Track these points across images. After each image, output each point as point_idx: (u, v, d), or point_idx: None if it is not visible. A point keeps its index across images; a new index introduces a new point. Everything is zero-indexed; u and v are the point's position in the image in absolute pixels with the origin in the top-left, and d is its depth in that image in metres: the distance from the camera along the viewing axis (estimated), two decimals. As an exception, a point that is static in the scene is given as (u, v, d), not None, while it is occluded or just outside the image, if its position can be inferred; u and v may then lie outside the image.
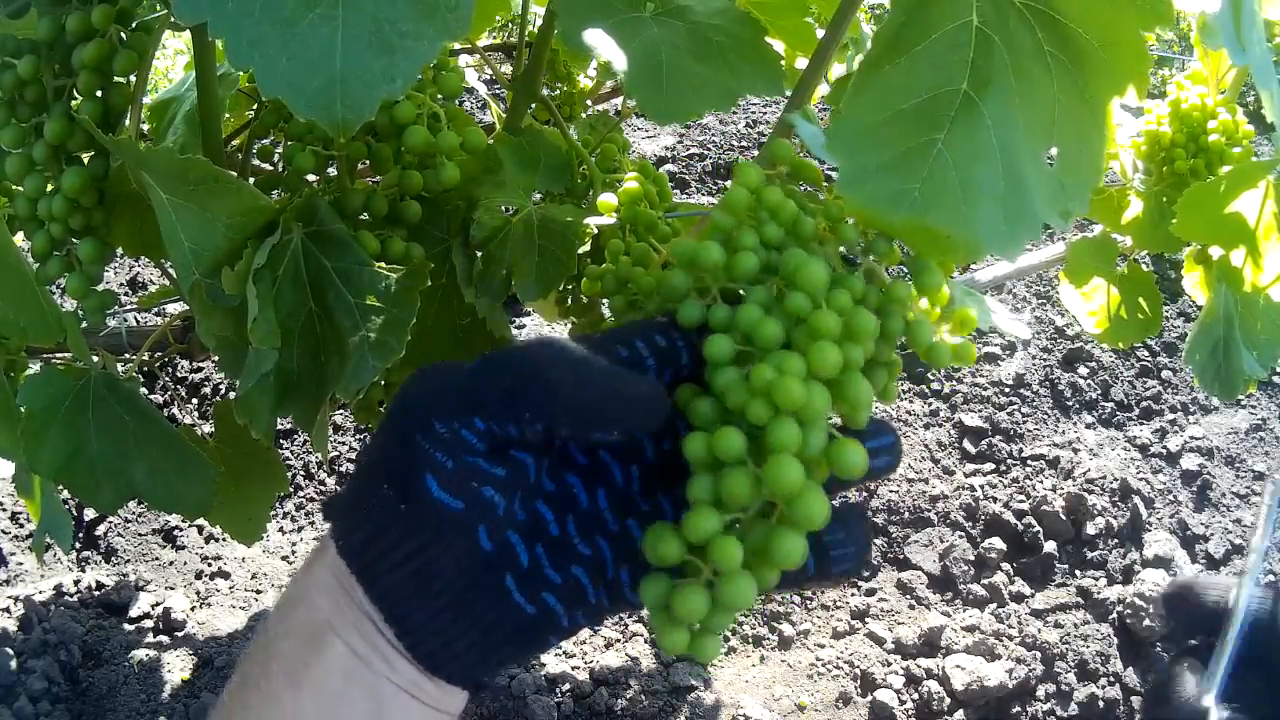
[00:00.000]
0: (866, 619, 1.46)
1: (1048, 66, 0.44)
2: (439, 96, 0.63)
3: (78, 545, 1.51)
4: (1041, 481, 1.67)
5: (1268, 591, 0.40)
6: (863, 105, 0.43)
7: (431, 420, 0.36)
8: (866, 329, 0.38)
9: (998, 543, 1.55)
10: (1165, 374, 1.94)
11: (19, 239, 0.64)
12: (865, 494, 1.64)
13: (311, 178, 0.65)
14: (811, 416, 0.36)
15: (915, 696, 1.33)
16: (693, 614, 0.35)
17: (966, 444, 1.76)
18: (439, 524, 0.36)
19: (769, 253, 0.42)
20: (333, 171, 0.65)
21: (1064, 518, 1.57)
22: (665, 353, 0.39)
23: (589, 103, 1.01)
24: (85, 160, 0.61)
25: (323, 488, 1.64)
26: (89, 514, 1.55)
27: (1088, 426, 1.82)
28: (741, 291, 0.41)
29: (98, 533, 1.53)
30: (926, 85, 0.43)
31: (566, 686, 1.29)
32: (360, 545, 0.36)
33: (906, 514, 1.62)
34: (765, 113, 2.69)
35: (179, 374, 1.80)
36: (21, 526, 1.52)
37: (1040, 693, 1.35)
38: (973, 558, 1.54)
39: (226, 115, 0.74)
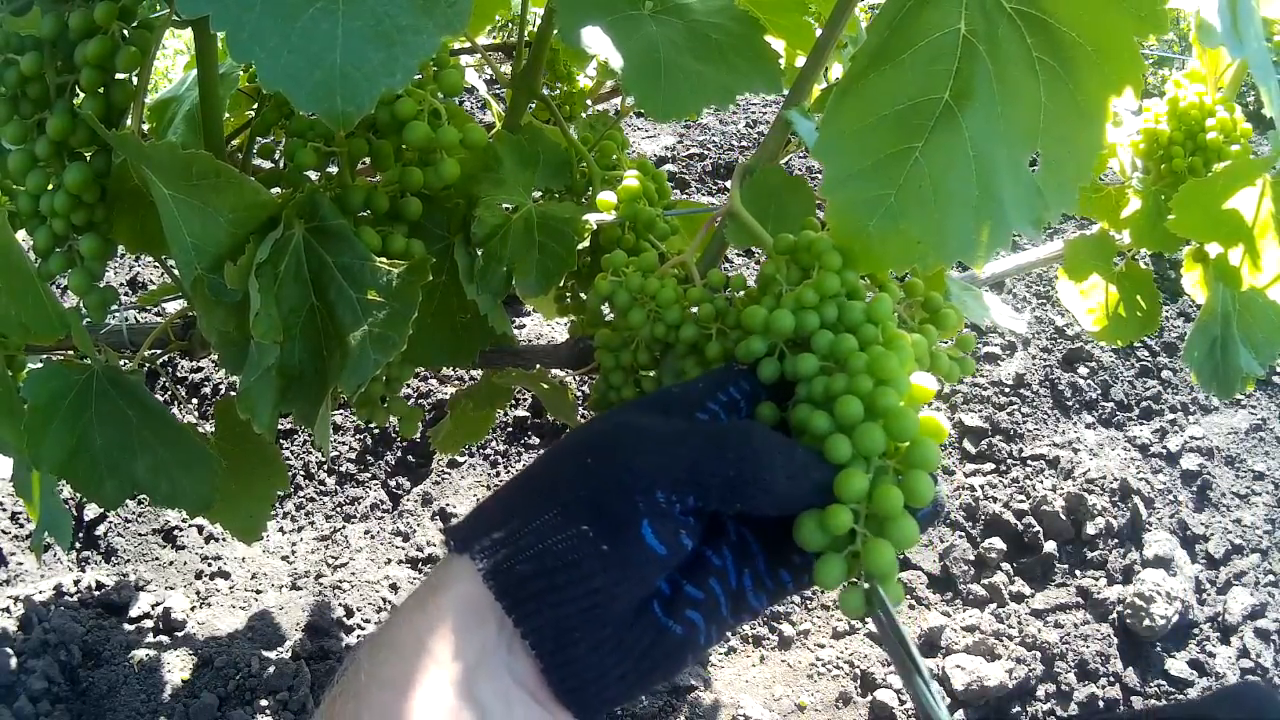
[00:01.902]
0: (866, 619, 1.45)
1: (1035, 73, 0.45)
2: (439, 94, 0.64)
3: (78, 545, 1.51)
4: (1041, 481, 1.67)
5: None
6: (848, 110, 0.44)
7: (656, 490, 0.39)
8: (921, 346, 0.47)
9: (998, 543, 1.55)
10: (1165, 374, 1.94)
11: (21, 236, 0.65)
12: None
13: (313, 175, 0.65)
14: (903, 390, 0.43)
15: (915, 696, 1.33)
16: (888, 564, 0.41)
17: (966, 444, 1.76)
18: (643, 564, 0.38)
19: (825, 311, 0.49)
20: (334, 169, 0.65)
21: (1064, 518, 1.58)
22: (750, 393, 0.47)
23: (589, 102, 1.02)
24: (87, 156, 0.61)
25: (323, 487, 1.65)
26: (89, 514, 1.55)
27: (1088, 426, 1.82)
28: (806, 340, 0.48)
29: (98, 533, 1.53)
30: (909, 93, 0.44)
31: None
32: (522, 578, 0.37)
33: (906, 514, 1.62)
34: (765, 112, 2.70)
35: (179, 374, 1.80)
36: (21, 526, 1.52)
37: (1040, 693, 1.35)
38: (973, 558, 1.54)
39: (226, 115, 0.74)
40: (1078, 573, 1.53)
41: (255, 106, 0.79)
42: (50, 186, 0.60)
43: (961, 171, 0.44)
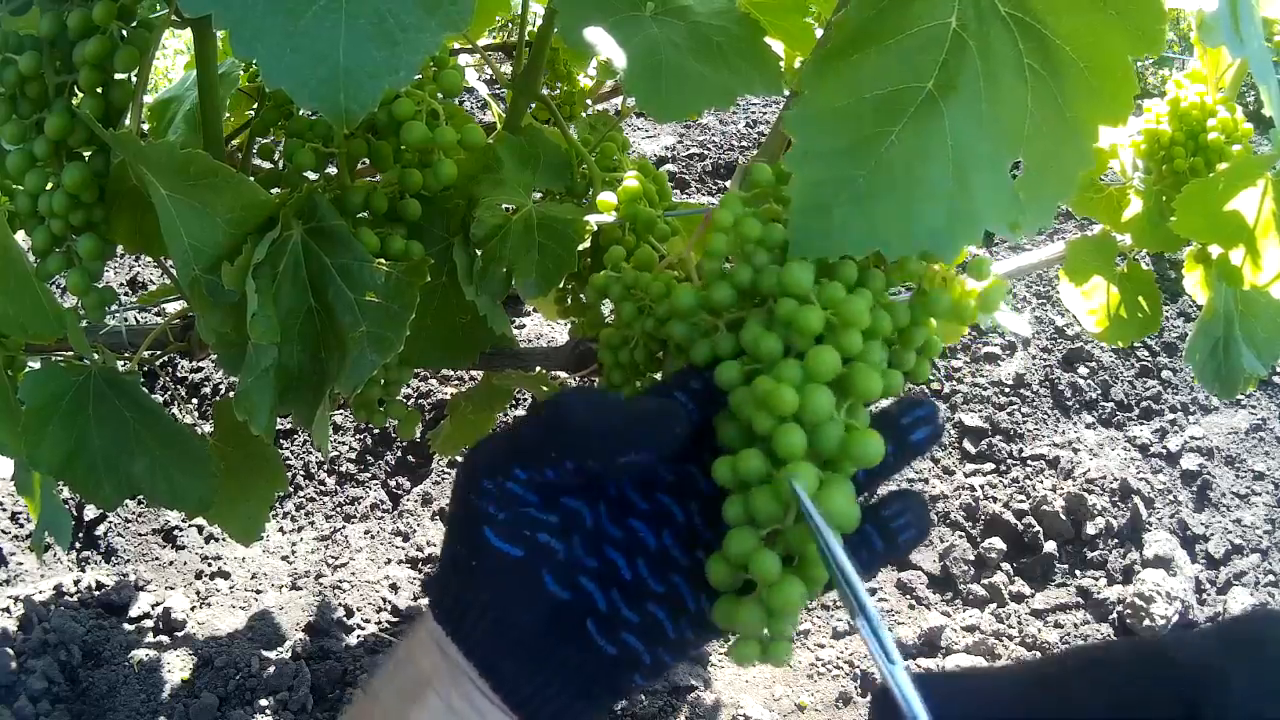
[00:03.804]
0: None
1: (1025, 79, 0.44)
2: (439, 94, 0.63)
3: (78, 545, 1.51)
4: (1041, 481, 1.67)
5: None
6: (827, 88, 0.43)
7: (480, 478, 0.39)
8: (857, 316, 0.40)
9: (998, 543, 1.55)
10: (1165, 374, 1.94)
11: (20, 236, 0.64)
12: (867, 495, 1.64)
13: (312, 176, 0.65)
14: (812, 418, 0.37)
15: (915, 696, 1.33)
16: (752, 626, 0.37)
17: (966, 444, 1.76)
18: (502, 572, 0.38)
19: (761, 275, 0.43)
20: (333, 170, 0.65)
21: (1064, 518, 1.57)
22: (701, 394, 0.43)
23: (589, 102, 1.02)
24: (86, 156, 0.61)
25: (323, 487, 1.64)
26: (89, 514, 1.55)
27: (1088, 426, 1.82)
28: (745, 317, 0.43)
29: (97, 532, 1.53)
30: (892, 79, 0.43)
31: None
32: (449, 606, 0.39)
33: (906, 514, 1.62)
34: (765, 113, 2.70)
35: (179, 374, 1.80)
36: (21, 526, 1.52)
37: (1040, 693, 1.35)
38: (973, 558, 1.54)
39: (226, 115, 0.74)
40: (1078, 573, 1.53)
41: (255, 106, 0.79)
42: (49, 186, 0.60)
43: (937, 161, 0.43)
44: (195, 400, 1.77)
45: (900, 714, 0.30)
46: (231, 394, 0.57)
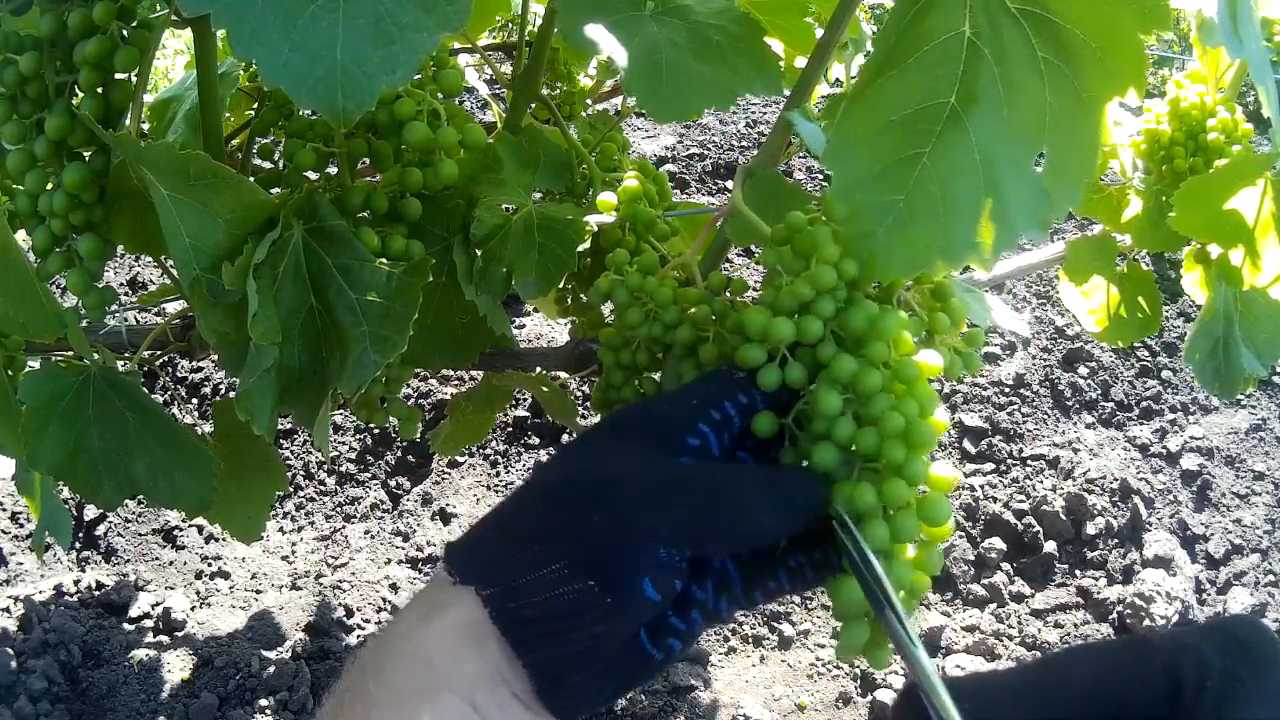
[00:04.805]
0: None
1: (1040, 73, 0.45)
2: (439, 94, 0.64)
3: (78, 545, 1.51)
4: (1041, 481, 1.67)
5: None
6: (858, 115, 0.45)
7: (658, 548, 0.41)
8: (937, 368, 0.46)
9: (998, 543, 1.55)
10: (1165, 374, 1.94)
11: (20, 236, 0.64)
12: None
13: (312, 175, 0.65)
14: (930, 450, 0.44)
15: (915, 696, 1.33)
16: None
17: (966, 444, 1.76)
18: (640, 611, 0.41)
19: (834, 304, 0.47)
20: (334, 170, 0.65)
21: (1064, 518, 1.57)
22: (747, 408, 0.46)
23: (589, 102, 1.02)
24: (86, 156, 0.61)
25: (323, 487, 1.64)
26: (89, 514, 1.55)
27: (1088, 426, 1.82)
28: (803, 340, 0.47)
29: (98, 532, 1.53)
30: (916, 98, 0.44)
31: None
32: (527, 621, 0.40)
33: (906, 514, 1.62)
34: (765, 113, 2.70)
35: (179, 374, 1.80)
36: (21, 526, 1.52)
37: (1040, 693, 1.35)
38: (973, 558, 1.54)
39: (227, 115, 0.74)
40: (1078, 573, 1.53)
41: (255, 106, 0.79)
42: (49, 186, 0.60)
43: (968, 176, 0.44)
44: (195, 400, 1.77)
45: (927, 711, 0.33)
46: (231, 394, 0.57)
